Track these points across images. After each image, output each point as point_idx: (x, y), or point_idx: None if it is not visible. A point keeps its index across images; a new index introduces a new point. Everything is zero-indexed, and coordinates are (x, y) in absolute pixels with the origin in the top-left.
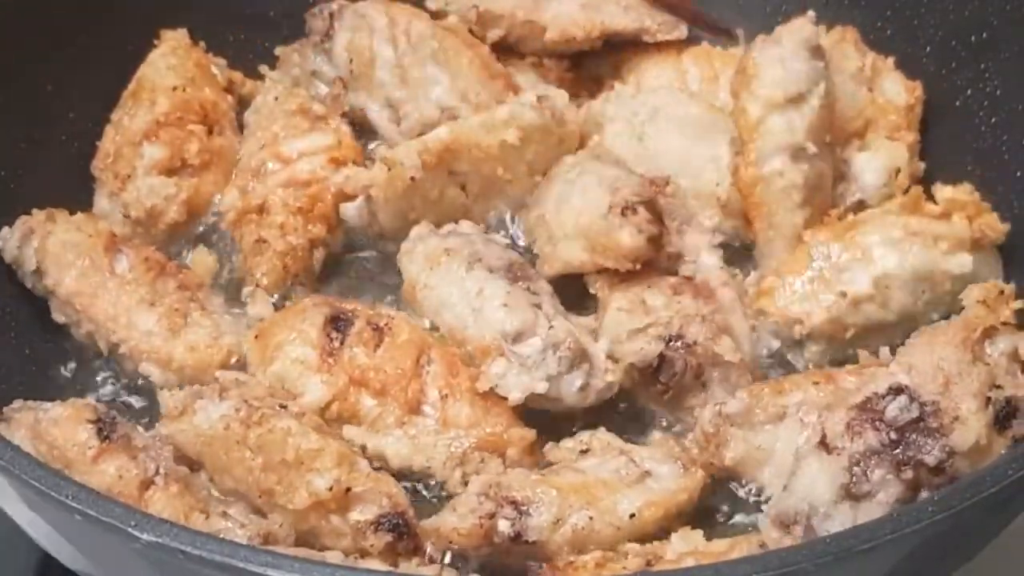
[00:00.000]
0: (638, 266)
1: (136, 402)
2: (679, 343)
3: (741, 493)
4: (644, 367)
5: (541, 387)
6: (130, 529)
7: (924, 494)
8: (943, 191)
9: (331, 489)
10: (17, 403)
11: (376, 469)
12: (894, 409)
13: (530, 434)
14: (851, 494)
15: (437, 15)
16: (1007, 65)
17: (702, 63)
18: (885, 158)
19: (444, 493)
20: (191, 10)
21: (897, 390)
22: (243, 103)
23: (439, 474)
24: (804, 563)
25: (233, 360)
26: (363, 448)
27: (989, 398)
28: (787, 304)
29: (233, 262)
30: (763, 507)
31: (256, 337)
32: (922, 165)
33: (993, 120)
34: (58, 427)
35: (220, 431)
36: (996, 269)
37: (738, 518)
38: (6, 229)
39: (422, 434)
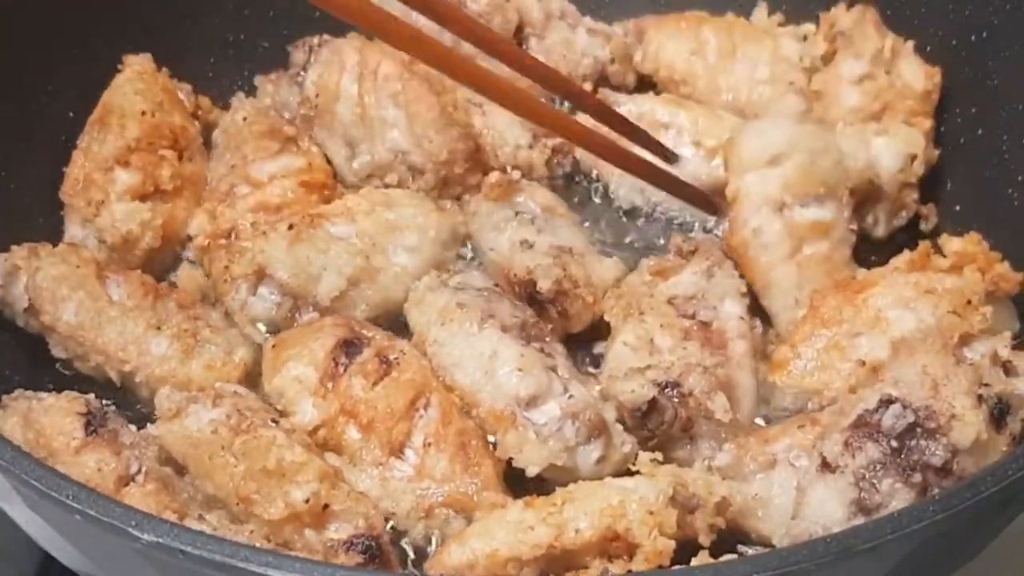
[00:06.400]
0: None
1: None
2: (674, 391)
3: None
4: (633, 409)
5: (560, 459)
6: (130, 529)
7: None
8: (952, 243)
9: (308, 502)
10: (16, 392)
11: None
12: (889, 419)
13: (501, 501)
14: (864, 508)
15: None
16: (1007, 65)
17: (722, 36)
18: (902, 144)
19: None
20: (152, 37)
21: (888, 401)
22: (209, 129)
23: (401, 522)
24: (805, 563)
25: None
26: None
27: (981, 396)
28: (802, 375)
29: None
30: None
31: (273, 346)
32: (937, 152)
33: (993, 120)
34: (48, 416)
35: (208, 435)
36: (1011, 317)
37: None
38: None
39: (394, 478)
